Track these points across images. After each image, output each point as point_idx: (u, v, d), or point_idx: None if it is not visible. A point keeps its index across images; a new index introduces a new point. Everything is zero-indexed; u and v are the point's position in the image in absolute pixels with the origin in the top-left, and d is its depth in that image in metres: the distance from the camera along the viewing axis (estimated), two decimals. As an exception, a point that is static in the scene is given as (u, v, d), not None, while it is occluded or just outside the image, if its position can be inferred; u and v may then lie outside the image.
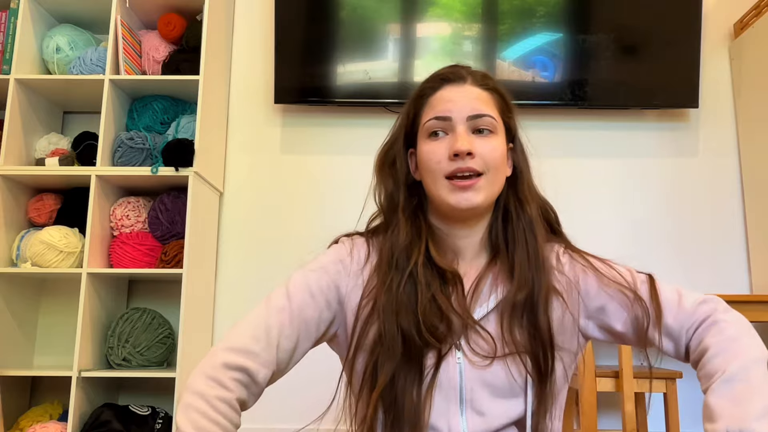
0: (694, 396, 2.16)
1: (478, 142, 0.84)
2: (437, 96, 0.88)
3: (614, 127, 2.33)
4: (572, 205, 2.25)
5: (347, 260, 0.89)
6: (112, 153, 2.07)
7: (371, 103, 2.27)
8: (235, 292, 2.24)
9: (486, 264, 0.89)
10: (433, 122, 0.86)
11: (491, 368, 0.82)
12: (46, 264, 1.96)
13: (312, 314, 0.85)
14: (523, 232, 0.86)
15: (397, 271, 0.84)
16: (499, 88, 0.91)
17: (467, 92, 0.87)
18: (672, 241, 2.25)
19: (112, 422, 1.84)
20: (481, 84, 0.88)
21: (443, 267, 0.85)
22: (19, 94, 2.08)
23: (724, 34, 2.39)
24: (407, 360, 0.81)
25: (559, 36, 2.26)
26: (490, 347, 0.82)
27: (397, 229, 0.87)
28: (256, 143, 2.35)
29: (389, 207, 0.91)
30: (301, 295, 0.85)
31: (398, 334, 0.81)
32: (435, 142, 0.85)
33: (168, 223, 2.05)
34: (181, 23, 2.21)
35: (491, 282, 0.86)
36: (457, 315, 0.83)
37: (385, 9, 2.28)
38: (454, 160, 0.83)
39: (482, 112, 0.85)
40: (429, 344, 0.81)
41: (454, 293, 0.85)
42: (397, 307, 0.82)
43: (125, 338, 1.95)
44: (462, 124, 0.85)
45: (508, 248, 0.87)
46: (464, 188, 0.83)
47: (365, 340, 0.84)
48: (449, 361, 0.82)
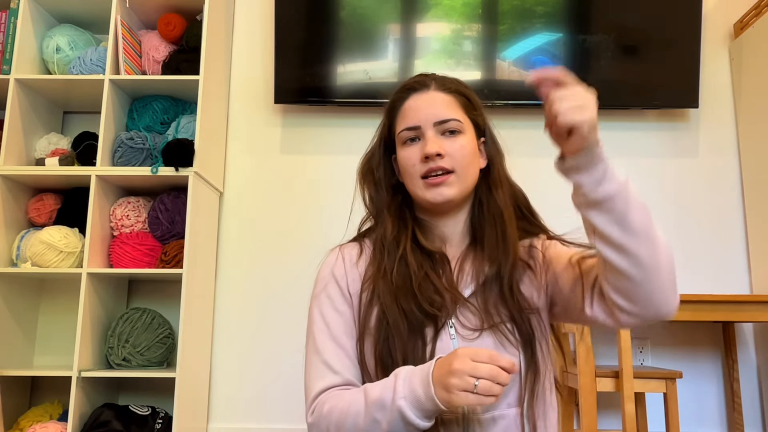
0: (694, 396, 2.17)
1: (446, 143, 0.93)
2: (406, 106, 0.96)
3: (614, 127, 2.34)
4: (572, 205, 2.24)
5: (339, 263, 0.98)
6: (112, 153, 2.07)
7: (371, 103, 2.27)
8: (235, 292, 2.24)
9: (467, 246, 0.98)
10: (405, 132, 0.95)
11: (481, 340, 0.89)
12: (46, 264, 1.96)
13: (346, 319, 0.94)
14: (492, 216, 0.95)
15: (389, 258, 0.94)
16: (463, 89, 0.98)
17: (432, 99, 0.95)
18: (672, 241, 2.24)
19: (112, 422, 1.84)
20: (444, 89, 0.96)
21: (431, 249, 0.95)
22: (19, 94, 2.08)
23: (724, 34, 2.39)
24: (411, 335, 0.88)
25: (559, 36, 2.26)
26: (477, 321, 0.90)
27: (385, 224, 0.97)
28: (256, 143, 2.35)
29: (376, 208, 1.01)
30: (330, 316, 0.94)
31: (400, 313, 0.89)
32: (409, 148, 0.95)
33: (168, 223, 2.05)
34: (181, 23, 2.21)
35: (472, 262, 0.95)
36: (447, 291, 0.91)
37: (385, 9, 2.28)
38: (426, 162, 0.92)
39: (447, 117, 0.94)
40: (428, 314, 0.89)
41: (443, 273, 0.94)
42: (395, 290, 0.90)
43: (125, 338, 1.95)
44: (430, 129, 0.93)
45: (484, 232, 0.96)
46: (436, 185, 0.92)
47: (369, 323, 0.91)
48: (443, 338, 0.89)
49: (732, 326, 2.15)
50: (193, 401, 2.03)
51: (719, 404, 2.17)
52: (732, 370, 2.12)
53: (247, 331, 2.21)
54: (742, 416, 2.09)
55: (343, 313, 0.94)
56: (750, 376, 2.18)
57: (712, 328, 2.21)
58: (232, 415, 2.17)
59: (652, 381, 1.84)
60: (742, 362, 2.18)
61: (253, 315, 2.22)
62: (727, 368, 2.16)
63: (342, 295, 0.95)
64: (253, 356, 2.19)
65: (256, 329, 2.21)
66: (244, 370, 2.19)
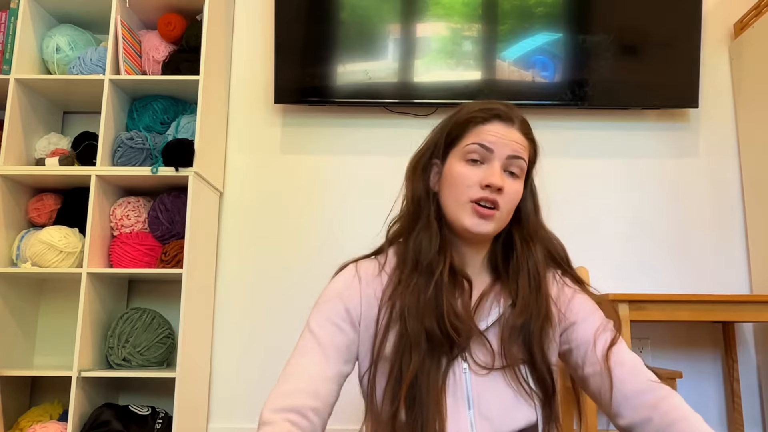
0: (694, 396, 2.17)
1: (508, 181, 0.92)
2: (486, 127, 0.94)
3: (614, 127, 2.33)
4: (572, 205, 2.25)
5: (354, 282, 0.95)
6: (112, 153, 2.07)
7: (371, 103, 2.27)
8: (235, 292, 2.24)
9: (490, 283, 0.96)
10: (475, 147, 0.92)
11: (491, 377, 0.89)
12: (46, 264, 1.96)
13: (342, 340, 0.92)
14: (527, 265, 0.94)
15: (422, 276, 0.91)
16: (536, 140, 1.00)
17: (513, 134, 0.94)
18: (672, 241, 2.25)
19: (112, 422, 1.84)
20: (524, 132, 0.97)
21: (462, 275, 0.93)
22: (19, 94, 2.08)
23: (724, 34, 2.39)
24: (430, 357, 0.87)
25: (559, 36, 2.26)
26: (489, 359, 0.90)
27: (426, 234, 0.93)
28: (256, 143, 2.35)
29: (416, 211, 0.97)
30: (325, 328, 0.92)
31: (422, 332, 0.87)
32: (471, 167, 0.92)
33: (168, 223, 2.05)
34: (181, 23, 2.21)
35: (493, 298, 0.94)
36: (465, 322, 0.90)
37: (385, 9, 2.28)
38: (483, 190, 0.90)
39: (520, 155, 0.94)
40: (450, 339, 0.88)
41: (463, 299, 0.92)
42: (423, 309, 0.88)
43: (125, 338, 1.95)
44: (500, 160, 0.92)
45: (510, 274, 0.95)
46: (483, 216, 0.90)
47: (385, 346, 0.90)
48: (456, 371, 0.89)
49: (732, 326, 2.15)
50: (193, 401, 2.03)
51: (719, 404, 2.17)
52: (732, 370, 2.12)
53: (247, 331, 2.21)
54: (742, 416, 2.09)
55: (340, 336, 0.92)
56: (750, 376, 2.18)
57: (712, 328, 2.21)
58: (232, 415, 2.17)
59: (652, 381, 1.84)
60: (742, 362, 2.18)
61: (253, 315, 2.22)
62: (727, 368, 2.16)
63: (348, 322, 0.92)
64: (254, 356, 2.19)
65: (256, 329, 2.21)
66: (244, 370, 2.19)
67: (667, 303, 1.75)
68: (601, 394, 0.91)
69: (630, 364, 0.90)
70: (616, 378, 0.88)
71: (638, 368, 0.89)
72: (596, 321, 0.94)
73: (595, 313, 0.95)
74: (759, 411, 2.16)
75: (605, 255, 2.24)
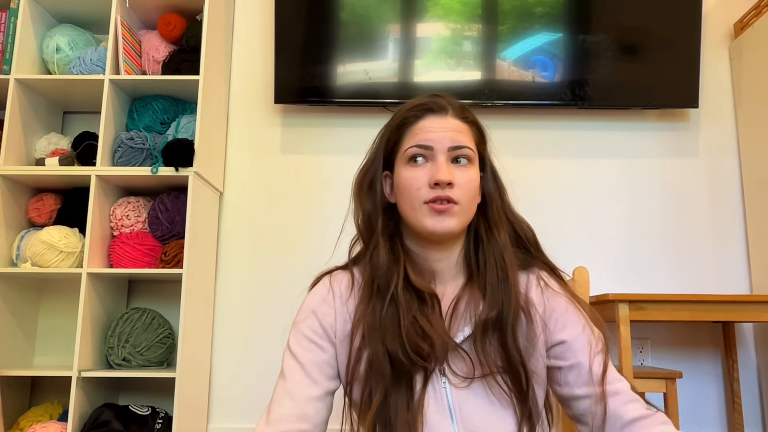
0: (694, 396, 2.17)
1: (457, 173, 0.88)
2: (419, 125, 0.91)
3: (614, 127, 2.34)
4: (572, 205, 2.25)
5: (329, 298, 0.93)
6: (112, 153, 2.07)
7: (371, 103, 2.27)
8: (235, 292, 2.24)
9: (462, 285, 0.92)
10: (415, 149, 0.89)
11: (472, 389, 0.87)
12: (46, 264, 1.96)
13: (323, 357, 0.90)
14: (493, 255, 0.90)
15: (378, 297, 0.88)
16: (476, 120, 0.95)
17: (448, 123, 0.90)
18: (672, 241, 2.25)
19: (112, 422, 1.84)
20: (461, 117, 0.92)
21: (421, 288, 0.88)
22: (19, 94, 2.08)
23: (724, 34, 2.39)
24: (397, 380, 0.85)
25: (559, 36, 2.26)
26: (468, 369, 0.87)
27: (377, 253, 0.90)
28: (256, 143, 2.35)
29: (368, 229, 0.94)
30: (305, 347, 0.90)
31: (385, 356, 0.85)
32: (415, 169, 0.89)
33: (168, 223, 2.05)
34: (181, 23, 2.21)
35: (467, 303, 0.90)
36: (438, 337, 0.86)
37: (385, 9, 2.28)
38: (434, 188, 0.86)
39: (462, 144, 0.89)
40: (415, 363, 0.85)
41: (432, 314, 0.88)
42: (382, 331, 0.86)
43: (125, 338, 1.95)
44: (443, 154, 0.88)
45: (480, 270, 0.91)
46: (441, 212, 0.86)
47: (359, 368, 0.87)
48: (435, 385, 0.87)
49: (732, 326, 2.15)
50: (193, 401, 2.03)
51: (719, 404, 2.17)
52: (732, 370, 2.12)
53: (247, 331, 2.21)
54: (742, 416, 2.09)
55: (320, 353, 0.90)
56: (750, 376, 2.18)
57: (712, 328, 2.21)
58: (232, 415, 2.17)
59: (652, 381, 1.84)
60: (742, 362, 2.18)
61: (253, 315, 2.22)
62: (727, 368, 2.16)
63: (325, 339, 0.91)
64: (254, 356, 2.19)
65: (256, 329, 2.21)
66: (244, 370, 2.19)
67: (666, 303, 1.75)
68: (587, 417, 0.87)
69: (624, 394, 0.86)
70: (610, 410, 0.85)
71: (631, 397, 0.86)
72: (588, 339, 0.89)
73: (585, 330, 0.90)
74: (759, 411, 2.16)
75: (605, 255, 2.24)
